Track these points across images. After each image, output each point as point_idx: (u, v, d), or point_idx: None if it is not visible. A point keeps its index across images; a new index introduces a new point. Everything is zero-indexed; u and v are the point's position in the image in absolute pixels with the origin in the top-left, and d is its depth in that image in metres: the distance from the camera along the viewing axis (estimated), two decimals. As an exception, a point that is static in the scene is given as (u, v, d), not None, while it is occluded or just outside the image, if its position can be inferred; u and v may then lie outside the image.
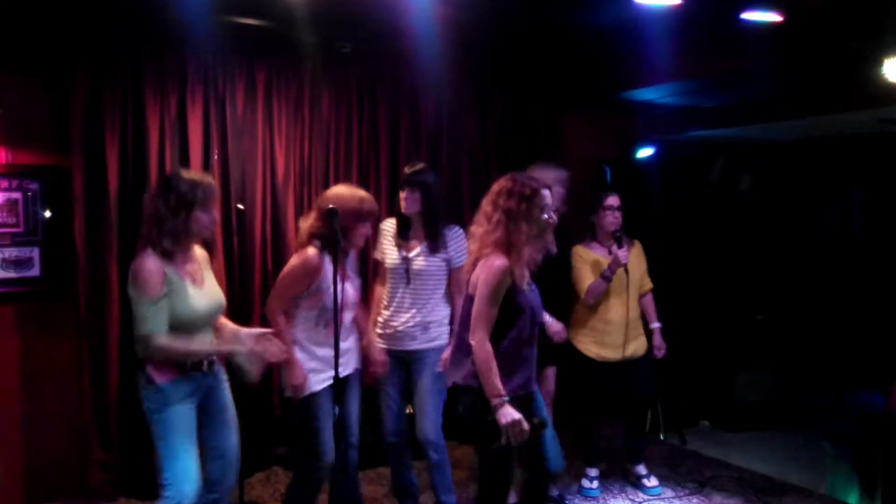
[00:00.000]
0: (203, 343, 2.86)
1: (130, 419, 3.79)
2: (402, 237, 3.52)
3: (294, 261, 3.17)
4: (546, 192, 2.82)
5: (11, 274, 3.83)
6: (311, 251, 3.12)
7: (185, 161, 4.04)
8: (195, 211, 2.78)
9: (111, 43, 3.84)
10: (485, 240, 2.80)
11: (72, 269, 3.88)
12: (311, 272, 3.11)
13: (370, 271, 4.59)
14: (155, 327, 2.68)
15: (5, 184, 3.80)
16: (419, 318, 3.46)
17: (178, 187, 2.76)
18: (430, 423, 3.43)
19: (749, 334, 5.65)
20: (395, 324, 3.50)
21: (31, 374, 3.91)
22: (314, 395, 3.22)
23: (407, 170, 3.51)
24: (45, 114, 3.87)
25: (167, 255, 2.74)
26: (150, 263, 2.70)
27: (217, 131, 4.13)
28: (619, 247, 3.92)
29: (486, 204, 2.87)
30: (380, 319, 3.58)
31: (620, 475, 4.42)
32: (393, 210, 3.67)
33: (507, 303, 2.76)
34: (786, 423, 5.48)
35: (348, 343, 3.33)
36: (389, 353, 3.53)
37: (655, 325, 4.25)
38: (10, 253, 3.83)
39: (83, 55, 3.80)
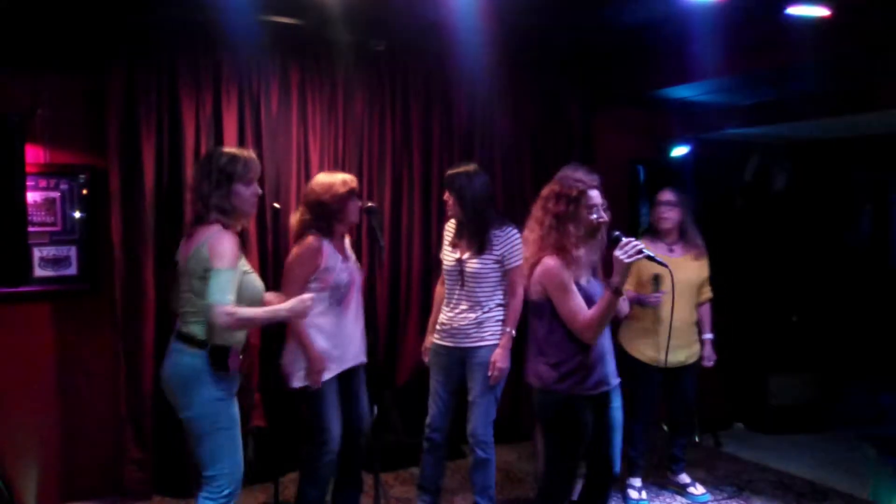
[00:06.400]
0: (269, 309, 2.78)
1: (166, 417, 3.76)
2: (458, 238, 3.57)
3: (295, 250, 3.31)
4: (594, 193, 2.82)
5: (49, 272, 3.85)
6: (310, 237, 3.28)
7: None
8: (235, 184, 2.73)
9: (147, 43, 3.85)
10: (539, 244, 2.85)
11: (108, 268, 3.89)
12: (314, 253, 3.25)
13: (408, 269, 4.60)
14: (231, 296, 2.57)
15: (43, 183, 3.82)
16: (473, 317, 3.49)
17: (218, 161, 2.74)
18: (480, 419, 3.49)
19: (784, 336, 5.56)
20: (452, 323, 3.56)
21: (68, 371, 3.92)
22: (324, 381, 3.31)
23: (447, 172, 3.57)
24: (82, 114, 3.89)
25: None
26: (230, 236, 2.68)
27: (252, 130, 4.12)
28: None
29: (536, 209, 2.92)
30: (441, 318, 3.64)
31: (656, 481, 4.34)
32: (428, 211, 3.66)
33: None
34: (821, 425, 5.39)
35: (357, 330, 3.45)
36: (447, 349, 3.58)
37: (707, 335, 4.15)
38: (48, 251, 3.85)
39: (119, 55, 3.81)
